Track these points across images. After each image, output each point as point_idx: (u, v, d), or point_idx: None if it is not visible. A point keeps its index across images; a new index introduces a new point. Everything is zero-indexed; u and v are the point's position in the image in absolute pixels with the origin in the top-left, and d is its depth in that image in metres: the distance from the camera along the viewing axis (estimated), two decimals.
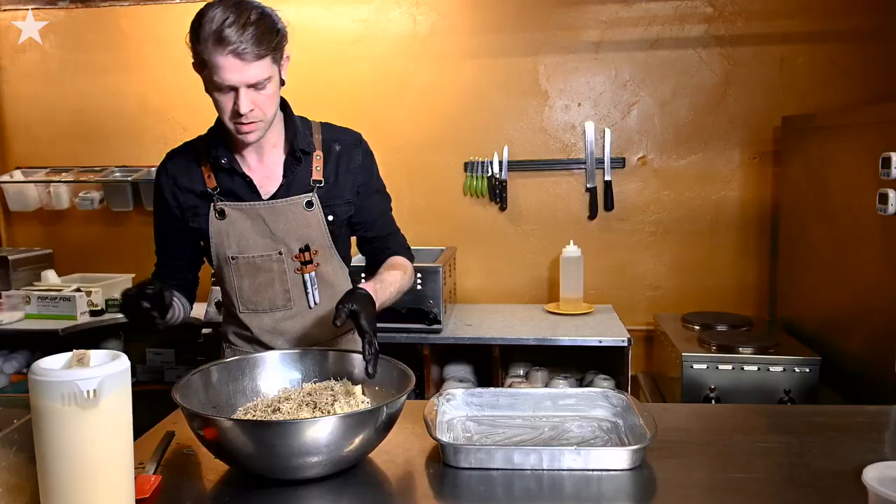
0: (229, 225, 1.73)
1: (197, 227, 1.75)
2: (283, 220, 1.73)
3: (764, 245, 3.37)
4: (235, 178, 1.73)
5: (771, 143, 3.30)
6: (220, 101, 1.57)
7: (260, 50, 1.50)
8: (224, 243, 1.74)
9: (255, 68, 1.51)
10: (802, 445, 1.47)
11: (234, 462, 1.32)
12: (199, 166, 1.75)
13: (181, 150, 1.81)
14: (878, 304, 2.32)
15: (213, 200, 1.73)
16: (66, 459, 1.06)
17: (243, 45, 1.48)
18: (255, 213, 1.73)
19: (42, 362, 1.11)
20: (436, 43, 3.43)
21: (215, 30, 1.47)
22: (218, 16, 1.48)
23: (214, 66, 1.50)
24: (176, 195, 1.76)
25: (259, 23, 1.51)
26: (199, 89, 1.60)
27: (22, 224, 3.89)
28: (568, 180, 3.46)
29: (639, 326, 3.38)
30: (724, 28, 3.27)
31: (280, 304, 1.79)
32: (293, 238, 1.74)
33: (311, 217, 1.74)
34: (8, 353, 3.46)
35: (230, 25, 1.47)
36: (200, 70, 1.57)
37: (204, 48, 1.50)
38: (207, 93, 1.60)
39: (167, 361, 3.57)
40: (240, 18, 1.48)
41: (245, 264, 1.75)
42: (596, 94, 3.40)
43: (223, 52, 1.48)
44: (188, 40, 1.55)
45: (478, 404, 1.64)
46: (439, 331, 2.96)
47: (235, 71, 1.50)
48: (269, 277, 1.76)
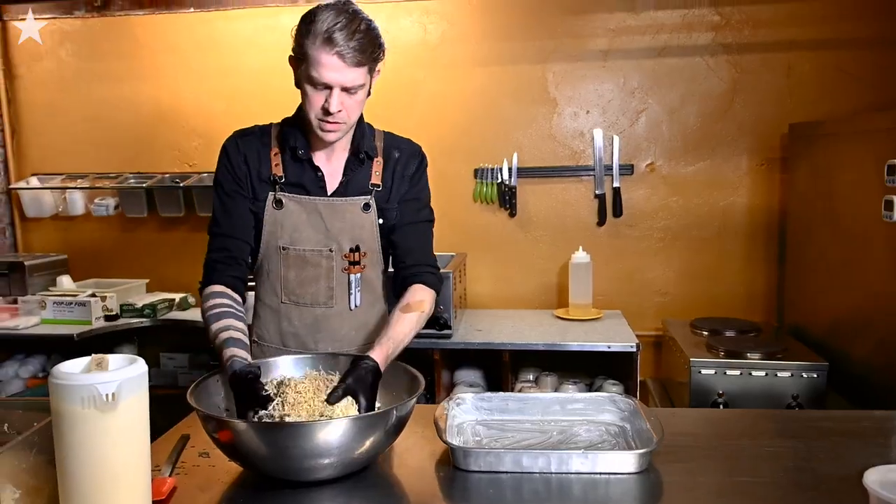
0: (285, 216, 1.76)
1: (255, 210, 1.77)
2: (340, 219, 1.76)
3: (772, 251, 3.37)
4: (306, 171, 1.76)
5: (778, 150, 3.31)
6: (312, 97, 1.63)
7: (362, 58, 1.58)
8: (277, 233, 1.77)
9: (353, 73, 1.59)
10: (809, 450, 1.48)
11: (247, 464, 1.34)
12: (269, 152, 1.78)
13: (252, 131, 1.82)
14: (885, 309, 2.33)
15: (275, 189, 1.76)
16: (84, 461, 1.09)
17: (348, 50, 1.56)
18: (312, 207, 1.76)
19: (62, 366, 1.14)
20: (446, 51, 3.47)
21: (326, 29, 1.55)
22: (331, 18, 1.56)
23: (317, 62, 1.57)
24: (244, 173, 1.77)
25: (367, 33, 1.59)
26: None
27: (38, 230, 3.94)
28: (577, 187, 3.48)
29: (647, 332, 3.40)
30: (732, 36, 3.28)
31: (322, 301, 1.80)
32: (346, 237, 1.77)
33: (365, 219, 1.78)
34: (24, 357, 3.51)
35: (341, 29, 1.55)
36: (297, 64, 1.65)
37: (311, 44, 1.57)
38: (297, 86, 1.67)
39: (180, 366, 3.61)
40: (350, 25, 1.57)
41: (294, 256, 1.77)
42: (604, 102, 3.42)
43: (329, 51, 1.56)
44: (294, 33, 1.63)
45: (487, 408, 1.67)
46: (450, 336, 2.98)
47: (335, 71, 1.57)
48: (317, 273, 1.78)
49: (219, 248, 1.76)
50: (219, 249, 1.76)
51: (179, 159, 3.75)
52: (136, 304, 3.36)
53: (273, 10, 3.57)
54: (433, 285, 1.82)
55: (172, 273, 3.73)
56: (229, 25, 3.62)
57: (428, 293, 1.79)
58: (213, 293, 1.69)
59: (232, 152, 1.78)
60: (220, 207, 1.78)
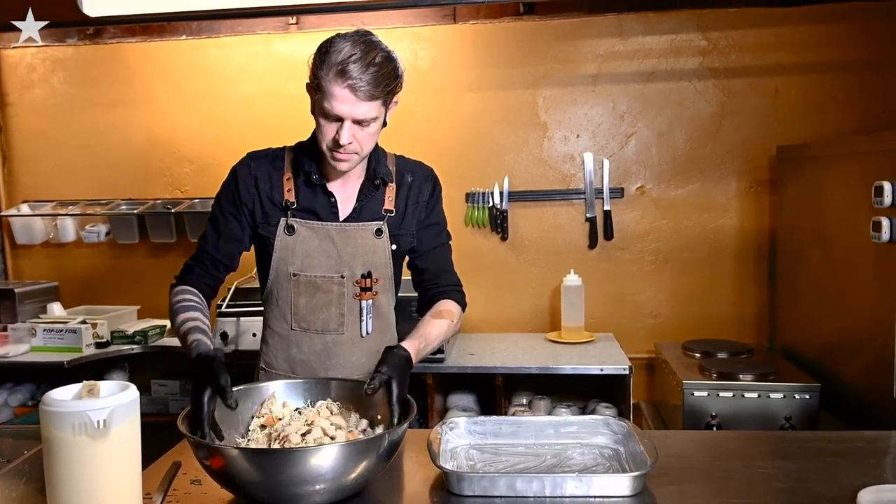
0: (296, 242, 1.76)
1: (266, 235, 1.77)
2: (352, 244, 1.76)
3: (762, 273, 3.39)
4: (319, 196, 1.76)
5: (767, 172, 3.35)
6: (324, 127, 1.62)
7: (375, 91, 1.57)
8: (288, 259, 1.76)
9: (366, 106, 1.58)
10: (801, 471, 1.49)
11: (239, 491, 1.33)
12: (281, 176, 1.78)
13: (265, 154, 1.81)
14: (875, 330, 2.34)
15: (287, 215, 1.75)
16: (76, 489, 1.08)
17: (361, 83, 1.54)
18: (325, 233, 1.76)
19: (53, 393, 1.13)
20: (437, 77, 3.50)
21: (340, 61, 1.54)
22: (346, 49, 1.55)
23: (329, 94, 1.56)
24: (253, 196, 1.76)
25: (382, 65, 1.58)
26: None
27: (28, 257, 3.92)
28: (568, 210, 3.50)
29: (640, 354, 3.40)
30: (719, 60, 3.33)
31: (333, 328, 1.79)
32: (358, 263, 1.77)
33: (378, 245, 1.78)
34: (13, 385, 3.47)
35: (355, 62, 1.54)
36: (313, 93, 1.63)
37: (325, 75, 1.56)
38: (312, 114, 1.66)
39: (172, 392, 3.58)
40: (365, 57, 1.55)
41: (305, 282, 1.77)
42: (594, 126, 3.45)
43: (341, 84, 1.54)
44: (310, 62, 1.62)
45: (481, 432, 1.66)
46: (442, 360, 2.97)
47: (347, 104, 1.56)
48: (328, 299, 1.77)
49: (200, 260, 1.80)
50: (200, 261, 1.79)
51: (171, 185, 3.76)
52: (128, 331, 3.34)
53: (265, 38, 3.60)
54: (461, 303, 1.85)
55: (164, 299, 3.61)
56: (221, 53, 3.64)
57: (456, 307, 1.82)
58: (184, 290, 1.74)
59: (242, 175, 1.77)
60: (213, 226, 1.80)
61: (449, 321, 1.76)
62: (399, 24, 3.50)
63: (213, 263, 1.79)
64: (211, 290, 1.79)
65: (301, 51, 3.45)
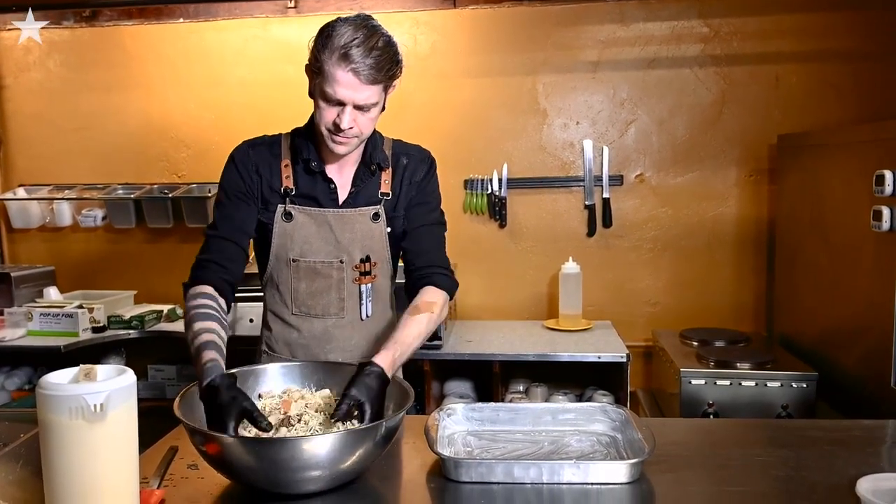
0: (295, 228, 1.75)
1: (265, 221, 1.76)
2: (350, 230, 1.75)
3: (761, 261, 3.39)
4: (319, 182, 1.75)
5: (767, 161, 3.34)
6: (324, 111, 1.61)
7: (378, 76, 1.56)
8: (287, 245, 1.76)
9: (368, 91, 1.57)
10: (799, 459, 1.48)
11: (235, 476, 1.33)
12: (279, 163, 1.77)
13: (262, 142, 1.79)
14: (874, 319, 2.34)
15: (285, 201, 1.75)
16: (72, 473, 1.08)
17: (364, 67, 1.53)
18: (322, 219, 1.75)
19: (50, 377, 1.12)
20: (436, 62, 3.48)
21: (343, 45, 1.52)
22: (348, 33, 1.53)
23: (331, 78, 1.55)
24: (255, 181, 1.75)
25: (384, 50, 1.57)
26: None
27: (24, 241, 3.91)
28: (567, 197, 3.49)
29: (637, 342, 3.40)
30: (720, 48, 3.31)
31: (333, 312, 1.79)
32: (356, 248, 1.76)
33: (375, 229, 1.77)
34: (10, 369, 3.47)
35: (357, 46, 1.52)
36: (313, 76, 1.61)
37: (327, 59, 1.54)
38: (311, 96, 1.65)
39: (168, 378, 3.58)
40: (367, 41, 1.54)
41: (305, 268, 1.77)
42: (594, 113, 3.44)
43: (344, 68, 1.53)
44: (311, 45, 1.59)
45: (478, 419, 1.66)
46: (440, 347, 2.97)
47: (349, 88, 1.55)
48: (327, 284, 1.77)
49: (213, 250, 1.71)
50: (213, 251, 1.71)
51: (168, 170, 3.74)
52: (124, 316, 3.34)
53: (262, 21, 3.57)
54: (446, 287, 1.79)
55: (160, 284, 3.70)
56: (218, 36, 3.62)
57: (439, 295, 1.76)
58: (200, 293, 1.64)
59: (243, 160, 1.75)
60: (220, 212, 1.75)
61: (428, 314, 1.69)
62: (398, 8, 3.47)
63: (231, 252, 1.71)
64: (229, 287, 1.70)
65: (299, 35, 3.45)
